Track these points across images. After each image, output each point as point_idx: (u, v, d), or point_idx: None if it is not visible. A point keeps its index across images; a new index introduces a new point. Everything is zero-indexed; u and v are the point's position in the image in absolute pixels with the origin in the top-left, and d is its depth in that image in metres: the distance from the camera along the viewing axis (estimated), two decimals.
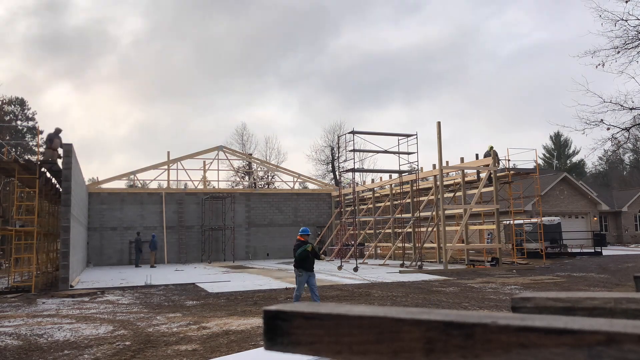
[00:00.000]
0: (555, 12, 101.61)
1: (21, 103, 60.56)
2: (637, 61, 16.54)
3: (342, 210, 31.97)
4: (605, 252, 31.19)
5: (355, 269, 22.16)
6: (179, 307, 13.00)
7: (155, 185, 44.13)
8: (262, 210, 36.97)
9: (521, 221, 29.81)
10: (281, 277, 20.58)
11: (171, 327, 10.08)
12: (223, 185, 42.62)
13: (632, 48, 16.54)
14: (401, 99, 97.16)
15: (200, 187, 36.59)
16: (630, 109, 17.29)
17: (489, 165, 24.55)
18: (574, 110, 45.30)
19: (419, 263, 24.15)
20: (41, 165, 19.02)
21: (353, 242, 29.15)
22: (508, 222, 29.45)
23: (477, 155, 26.60)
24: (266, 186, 53.06)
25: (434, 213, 27.02)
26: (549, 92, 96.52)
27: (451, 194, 29.88)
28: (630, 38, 16.50)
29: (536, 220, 29.10)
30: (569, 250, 32.07)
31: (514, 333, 0.79)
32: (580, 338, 0.76)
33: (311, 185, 48.10)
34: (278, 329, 0.95)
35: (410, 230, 28.51)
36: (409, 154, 25.72)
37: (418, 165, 26.42)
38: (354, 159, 25.10)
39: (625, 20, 16.20)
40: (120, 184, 40.52)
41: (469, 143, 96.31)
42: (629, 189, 54.37)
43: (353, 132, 25.10)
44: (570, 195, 42.96)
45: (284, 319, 0.95)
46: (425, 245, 27.80)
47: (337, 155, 53.04)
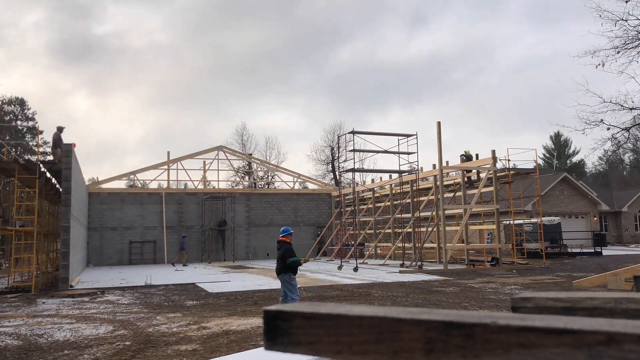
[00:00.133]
0: (553, 21, 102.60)
1: (21, 103, 60.59)
2: (637, 61, 16.56)
3: (342, 210, 31.97)
4: (605, 252, 31.19)
5: (355, 269, 22.17)
6: (179, 307, 13.00)
7: (155, 185, 44.14)
8: (262, 210, 36.96)
9: (521, 221, 29.82)
10: None
11: (171, 327, 10.08)
12: (223, 185, 42.63)
13: (632, 48, 16.56)
14: (402, 104, 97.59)
15: (200, 187, 36.61)
16: (630, 109, 17.30)
17: (489, 165, 24.57)
18: (574, 110, 45.28)
19: (419, 263, 24.15)
20: (51, 165, 19.06)
21: (353, 242, 29.15)
22: (508, 222, 29.46)
23: (477, 156, 26.63)
24: (266, 186, 53.06)
25: (434, 213, 27.02)
26: (549, 93, 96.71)
27: (451, 194, 29.88)
28: (630, 38, 16.51)
29: (536, 220, 29.11)
30: (569, 250, 32.07)
31: (514, 333, 0.79)
32: (580, 338, 0.76)
33: (311, 185, 48.11)
34: (278, 329, 0.95)
35: (410, 230, 28.51)
36: (409, 154, 25.72)
37: (418, 165, 26.43)
38: (354, 159, 25.11)
39: (625, 20, 16.21)
40: (120, 184, 40.53)
41: (469, 143, 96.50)
42: (629, 189, 54.38)
43: (353, 132, 25.10)
44: (570, 195, 42.98)
45: (284, 319, 0.95)
46: (425, 245, 27.80)
47: (337, 155, 53.08)
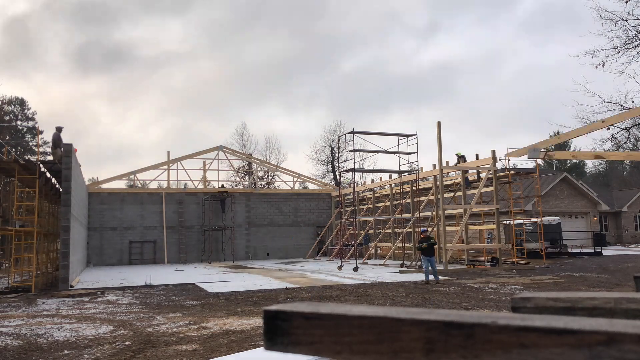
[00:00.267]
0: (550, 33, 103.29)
1: (21, 103, 60.61)
2: (637, 61, 16.58)
3: (342, 210, 31.96)
4: (605, 252, 31.19)
5: (355, 269, 22.16)
6: (179, 307, 13.00)
7: (155, 185, 44.15)
8: (262, 210, 36.97)
9: (521, 221, 29.81)
10: (281, 277, 20.58)
11: (171, 327, 10.08)
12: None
13: (632, 48, 16.57)
14: (403, 107, 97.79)
15: (200, 187, 36.60)
16: (630, 109, 17.30)
17: (489, 165, 24.56)
18: (574, 110, 45.30)
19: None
20: (51, 165, 19.03)
21: (353, 242, 29.14)
22: (508, 222, 29.45)
23: (477, 156, 26.61)
24: (266, 186, 53.05)
25: (434, 213, 27.01)
26: (550, 93, 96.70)
27: (451, 194, 29.88)
28: (630, 38, 16.53)
29: (536, 220, 29.11)
30: (569, 250, 32.06)
31: (514, 333, 0.79)
32: (580, 338, 0.76)
33: (311, 185, 48.11)
34: (278, 329, 0.95)
35: (410, 230, 28.51)
36: (409, 154, 25.71)
37: (418, 165, 26.44)
38: (354, 159, 25.11)
39: (625, 20, 16.22)
40: (120, 184, 40.56)
41: (469, 144, 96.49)
42: (629, 189, 54.39)
43: (353, 132, 25.09)
44: (570, 195, 42.97)
45: (284, 319, 0.95)
46: None
47: (337, 155, 53.07)
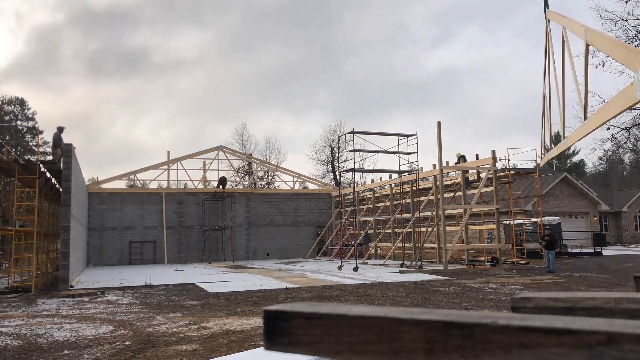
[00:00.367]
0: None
1: (21, 103, 60.60)
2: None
3: (342, 210, 31.96)
4: (605, 252, 31.20)
5: (355, 269, 22.16)
6: (179, 307, 13.00)
7: (155, 185, 44.14)
8: (262, 210, 36.96)
9: (521, 221, 29.82)
10: (281, 277, 20.58)
11: (171, 327, 10.08)
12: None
13: None
14: (403, 109, 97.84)
15: (200, 187, 36.60)
16: (630, 109, 17.30)
17: (489, 165, 24.56)
18: (574, 110, 45.28)
19: (419, 263, 24.15)
20: (51, 165, 19.01)
21: (353, 242, 29.14)
22: (508, 222, 29.45)
23: (477, 156, 26.61)
24: (266, 186, 53.05)
25: (434, 213, 27.01)
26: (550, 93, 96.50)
27: (451, 194, 29.87)
28: (630, 38, 16.53)
29: (536, 220, 29.11)
30: (569, 250, 32.08)
31: (514, 333, 0.79)
32: (580, 338, 0.76)
33: (311, 185, 48.10)
34: (278, 329, 0.95)
35: (410, 230, 28.51)
36: (409, 154, 25.70)
37: (418, 165, 26.42)
38: (354, 159, 25.10)
39: (625, 20, 16.23)
40: (120, 184, 40.53)
41: (469, 144, 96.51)
42: (629, 189, 54.39)
43: (353, 132, 25.09)
44: (570, 195, 42.97)
45: (284, 319, 0.95)
46: (425, 245, 27.80)
47: (337, 155, 53.08)
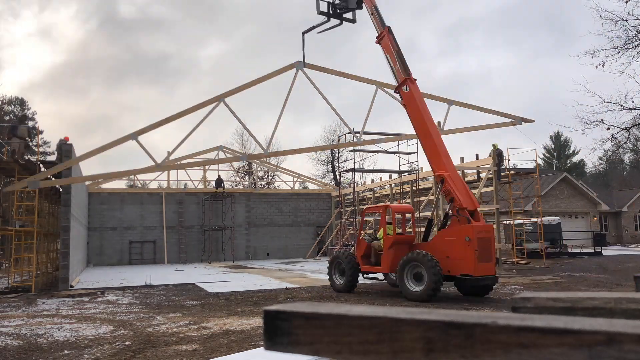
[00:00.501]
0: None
1: (21, 103, 60.59)
2: (637, 61, 16.57)
3: (342, 210, 31.95)
4: (605, 252, 31.18)
5: None
6: (179, 307, 12.99)
7: (155, 185, 44.16)
8: (262, 210, 36.96)
9: (521, 221, 29.81)
10: (281, 277, 20.57)
11: (171, 327, 10.08)
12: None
13: (632, 48, 16.57)
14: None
15: (200, 187, 36.61)
16: (630, 109, 17.32)
17: (489, 165, 24.55)
18: (574, 110, 45.28)
19: None
20: (51, 165, 18.89)
21: (353, 242, 29.11)
22: (508, 222, 29.43)
23: (477, 156, 26.59)
24: (266, 186, 53.05)
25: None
26: (550, 93, 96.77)
27: None
28: (630, 38, 16.52)
29: (536, 220, 29.10)
30: (569, 250, 32.06)
31: (514, 333, 0.79)
32: (580, 338, 0.76)
33: (311, 185, 48.10)
34: (278, 329, 0.95)
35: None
36: (409, 154, 25.70)
37: (418, 165, 26.41)
38: (354, 159, 25.11)
39: (626, 20, 16.22)
40: (120, 184, 40.62)
41: (469, 144, 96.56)
42: (629, 189, 54.38)
43: (353, 132, 25.06)
44: (570, 195, 42.97)
45: (284, 319, 0.95)
46: None
47: (337, 155, 53.06)
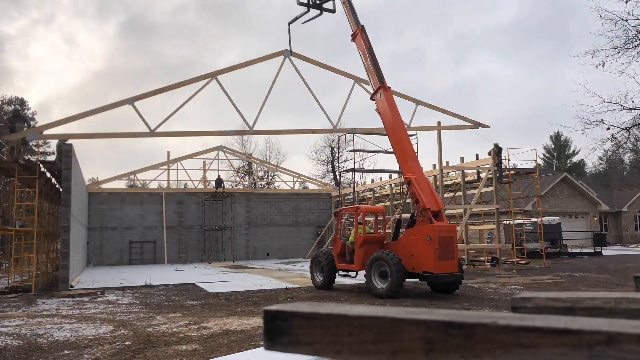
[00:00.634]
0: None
1: (21, 103, 60.58)
2: (637, 61, 16.56)
3: None
4: (605, 252, 31.18)
5: None
6: (179, 307, 12.99)
7: (155, 185, 44.17)
8: (262, 210, 36.96)
9: (521, 221, 29.81)
10: (281, 277, 20.57)
11: (171, 327, 10.08)
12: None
13: (632, 48, 16.56)
14: (404, 110, 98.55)
15: (200, 187, 36.60)
16: (630, 109, 17.31)
17: (489, 165, 24.55)
18: (574, 110, 45.26)
19: None
20: (51, 165, 18.87)
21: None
22: (508, 222, 29.43)
23: (477, 156, 26.59)
24: (266, 186, 53.05)
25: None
26: (550, 93, 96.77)
27: (451, 194, 29.86)
28: (630, 38, 16.51)
29: (536, 220, 29.10)
30: (569, 250, 32.06)
31: (514, 333, 0.79)
32: (580, 338, 0.76)
33: (311, 185, 48.10)
34: (278, 329, 0.95)
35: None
36: None
37: None
38: (354, 159, 25.10)
39: (626, 20, 16.21)
40: (120, 184, 40.61)
41: (469, 144, 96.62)
42: (629, 189, 54.39)
43: (353, 132, 25.08)
44: (570, 195, 42.96)
45: (284, 319, 0.95)
46: None
47: (337, 155, 53.06)
